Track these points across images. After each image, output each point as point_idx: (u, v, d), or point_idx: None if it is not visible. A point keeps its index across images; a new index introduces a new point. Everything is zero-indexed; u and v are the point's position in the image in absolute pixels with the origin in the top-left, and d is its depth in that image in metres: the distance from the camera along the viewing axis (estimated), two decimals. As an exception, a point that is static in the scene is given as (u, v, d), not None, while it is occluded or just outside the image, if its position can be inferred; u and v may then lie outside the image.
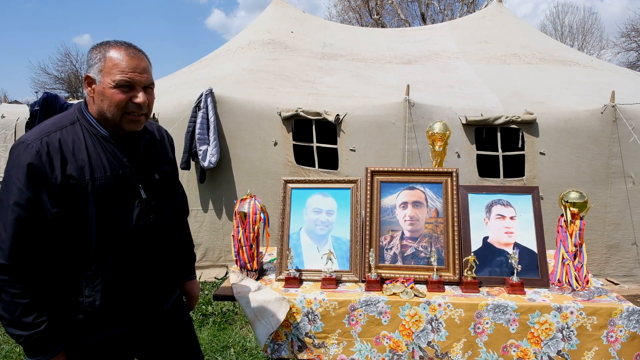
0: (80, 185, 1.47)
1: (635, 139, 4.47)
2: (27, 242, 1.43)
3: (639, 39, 23.97)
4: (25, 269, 1.44)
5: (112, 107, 1.51)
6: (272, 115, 5.02)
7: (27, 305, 1.43)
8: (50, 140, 1.47)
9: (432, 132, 2.68)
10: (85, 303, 1.52)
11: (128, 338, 1.67)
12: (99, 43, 1.55)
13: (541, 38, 7.70)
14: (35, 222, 1.44)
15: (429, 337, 2.09)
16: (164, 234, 1.72)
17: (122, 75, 1.49)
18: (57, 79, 30.49)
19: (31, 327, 1.44)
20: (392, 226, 2.41)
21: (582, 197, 2.26)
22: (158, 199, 1.68)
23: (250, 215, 2.41)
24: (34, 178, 1.42)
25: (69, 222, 1.48)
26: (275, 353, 2.19)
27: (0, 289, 1.42)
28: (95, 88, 1.52)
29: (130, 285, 1.60)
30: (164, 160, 1.79)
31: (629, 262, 4.77)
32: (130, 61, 1.51)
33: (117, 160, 1.56)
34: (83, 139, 1.52)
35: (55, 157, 1.45)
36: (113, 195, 1.53)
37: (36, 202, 1.43)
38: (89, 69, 1.52)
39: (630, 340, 1.98)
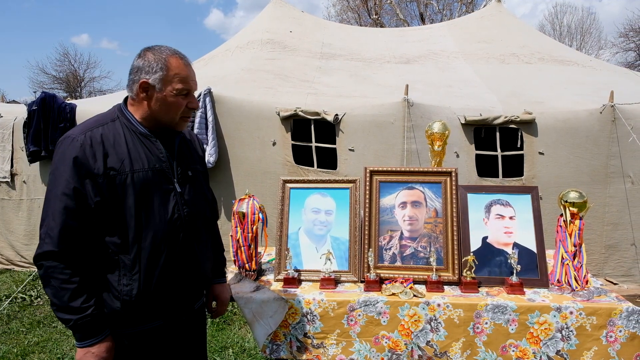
0: (120, 176, 1.58)
1: (634, 138, 4.47)
2: (73, 230, 1.53)
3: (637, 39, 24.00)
4: (72, 256, 1.53)
5: (171, 113, 1.67)
6: (271, 115, 5.01)
7: (74, 290, 1.52)
8: (93, 135, 1.59)
9: (431, 131, 2.68)
10: (123, 291, 1.60)
11: (163, 334, 1.72)
12: (152, 50, 1.66)
13: (540, 38, 7.70)
14: (81, 210, 1.53)
15: (428, 336, 2.09)
16: (198, 230, 1.79)
17: (183, 84, 1.65)
18: (56, 78, 30.39)
19: (79, 312, 1.52)
20: (391, 226, 2.40)
21: (581, 197, 2.25)
22: (191, 194, 1.77)
23: (249, 215, 2.40)
24: (79, 169, 1.53)
25: (110, 212, 1.57)
26: (274, 353, 2.19)
27: (49, 275, 1.52)
28: (154, 94, 1.64)
29: (166, 277, 1.66)
30: (195, 159, 1.89)
31: (628, 261, 4.77)
32: (188, 71, 1.67)
33: (154, 155, 1.67)
34: (123, 135, 1.64)
35: (97, 150, 1.57)
36: (150, 187, 1.63)
37: (81, 191, 1.53)
38: (145, 75, 1.62)
39: (630, 341, 1.97)
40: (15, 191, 5.63)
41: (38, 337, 3.93)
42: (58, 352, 3.67)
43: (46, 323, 4.21)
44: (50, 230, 1.51)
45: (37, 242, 1.54)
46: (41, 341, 3.85)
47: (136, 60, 1.65)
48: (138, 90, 1.64)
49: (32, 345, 3.79)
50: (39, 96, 5.45)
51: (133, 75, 1.65)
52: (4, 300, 4.68)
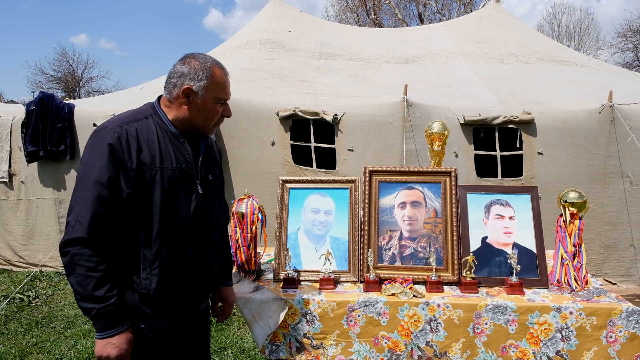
0: (150, 172, 1.63)
1: (633, 138, 4.47)
2: (104, 219, 1.55)
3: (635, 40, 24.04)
4: (100, 244, 1.55)
5: (208, 119, 1.76)
6: (270, 115, 5.00)
7: (99, 278, 1.53)
8: (129, 129, 1.64)
9: (431, 131, 2.67)
10: (142, 285, 1.64)
11: (172, 332, 1.75)
12: (196, 57, 1.73)
13: (539, 38, 7.71)
14: (113, 200, 1.56)
15: (427, 337, 2.08)
16: (212, 232, 1.84)
17: (223, 94, 1.75)
18: (54, 78, 30.32)
19: (102, 301, 1.53)
20: (391, 226, 2.39)
21: (581, 197, 2.25)
22: (210, 197, 1.83)
23: (248, 216, 2.40)
24: (115, 159, 1.57)
25: (137, 205, 1.61)
26: (273, 354, 2.18)
27: (75, 262, 1.52)
28: (195, 100, 1.70)
29: (182, 275, 1.71)
30: (215, 165, 1.95)
31: (626, 261, 4.78)
32: (227, 82, 1.77)
33: (182, 155, 1.73)
34: (155, 132, 1.69)
35: (132, 143, 1.61)
36: (176, 185, 1.68)
37: (115, 181, 1.56)
38: (189, 82, 1.68)
39: (630, 341, 1.97)
40: (13, 191, 5.62)
41: (36, 337, 3.91)
42: (56, 352, 3.66)
43: (44, 324, 4.20)
44: (81, 217, 1.53)
45: (35, 242, 1.54)
46: (39, 342, 3.84)
47: (180, 66, 1.71)
48: (179, 94, 1.70)
49: (31, 345, 3.78)
50: (37, 96, 5.43)
51: (175, 79, 1.70)
52: (2, 300, 4.66)
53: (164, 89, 1.75)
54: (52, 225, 5.53)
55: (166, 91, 1.74)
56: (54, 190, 5.49)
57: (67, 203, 5.45)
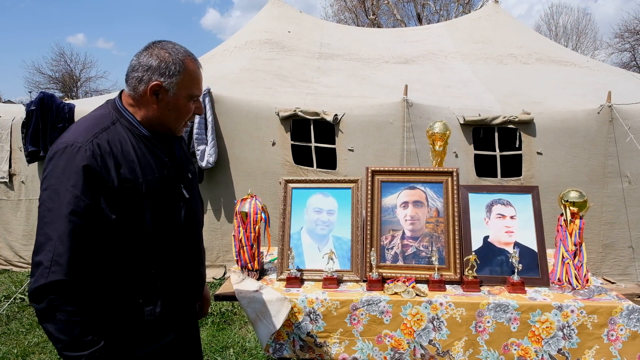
0: (134, 187, 1.41)
1: (632, 138, 4.50)
2: (85, 254, 1.32)
3: (632, 40, 24.13)
4: (83, 284, 1.33)
5: (180, 118, 1.55)
6: (270, 115, 5.01)
7: (85, 322, 1.33)
8: (101, 142, 1.39)
9: (433, 131, 2.69)
10: (147, 312, 1.47)
11: (174, 346, 1.63)
12: (164, 48, 1.49)
13: (537, 38, 7.74)
14: (94, 231, 1.34)
15: (430, 335, 2.10)
16: (199, 234, 1.72)
17: (197, 90, 1.55)
18: (52, 78, 30.26)
19: (91, 345, 1.33)
20: (393, 226, 2.41)
21: (581, 197, 2.27)
22: (194, 199, 1.68)
23: (251, 215, 2.41)
24: (92, 183, 1.33)
25: (126, 228, 1.41)
26: (277, 353, 2.19)
27: (55, 309, 1.29)
28: (165, 98, 1.48)
29: (183, 288, 1.59)
30: (189, 162, 1.79)
31: (625, 260, 4.81)
32: (201, 76, 1.57)
33: (160, 160, 1.53)
34: (129, 140, 1.46)
35: (108, 159, 1.38)
36: (163, 196, 1.50)
37: (95, 209, 1.34)
38: (159, 77, 1.46)
39: (632, 340, 1.99)
40: (14, 191, 5.62)
41: (38, 337, 3.92)
42: (58, 352, 3.67)
43: (45, 323, 4.20)
44: (58, 257, 1.28)
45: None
46: (41, 342, 3.84)
47: (146, 57, 1.46)
48: (147, 91, 1.46)
49: (32, 345, 3.78)
50: (38, 96, 5.43)
51: (140, 74, 1.46)
52: (3, 301, 4.67)
53: (126, 84, 1.50)
54: (53, 226, 5.53)
55: (129, 87, 1.49)
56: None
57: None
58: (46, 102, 5.32)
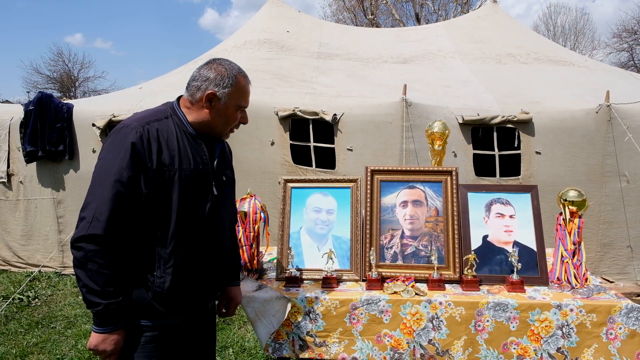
0: (169, 172, 1.64)
1: (630, 138, 4.51)
2: (121, 217, 1.56)
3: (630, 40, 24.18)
4: (115, 242, 1.56)
5: (227, 124, 1.80)
6: (269, 115, 5.01)
7: (110, 276, 1.55)
8: (151, 128, 1.65)
9: (432, 131, 2.69)
10: (156, 283, 1.65)
11: (182, 330, 1.78)
12: (222, 64, 1.75)
13: (536, 38, 7.75)
14: (131, 199, 1.58)
15: (429, 335, 2.10)
16: (224, 233, 1.88)
17: (244, 102, 1.80)
18: (50, 78, 30.19)
19: (111, 297, 1.56)
20: (392, 225, 2.41)
21: (580, 196, 2.28)
22: (223, 199, 1.86)
23: (251, 215, 2.41)
24: (136, 158, 1.58)
25: (155, 205, 1.63)
26: (277, 352, 2.19)
27: (88, 258, 1.53)
28: (217, 105, 1.74)
29: (195, 274, 1.74)
30: (229, 167, 1.99)
31: (623, 260, 4.82)
32: (249, 90, 1.81)
33: (199, 156, 1.74)
34: (175, 133, 1.70)
35: (153, 144, 1.63)
36: (194, 186, 1.70)
37: (135, 181, 1.58)
38: (214, 87, 1.71)
39: (630, 338, 2.00)
40: (12, 192, 5.60)
41: (37, 337, 3.91)
42: (57, 352, 3.66)
43: (44, 324, 4.20)
44: (99, 214, 1.53)
45: (34, 242, 1.54)
46: (40, 342, 3.84)
47: (205, 70, 1.73)
48: (202, 98, 1.72)
49: (31, 346, 3.78)
50: (36, 96, 5.42)
51: (199, 83, 1.72)
52: (2, 301, 4.66)
53: (186, 90, 1.77)
54: (51, 226, 5.52)
55: (188, 93, 1.76)
56: (52, 191, 5.49)
57: (66, 203, 5.46)
58: (44, 102, 5.31)
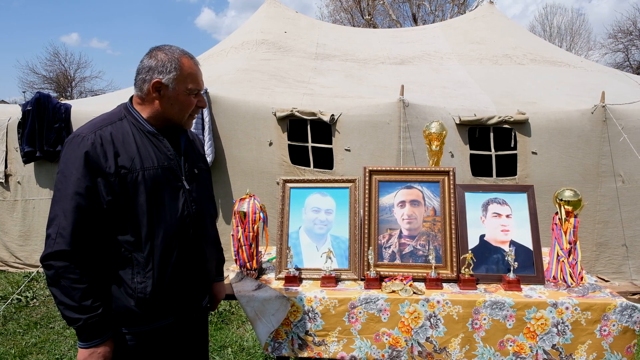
0: (131, 174, 1.59)
1: (625, 138, 4.55)
2: (86, 229, 1.54)
3: (625, 41, 24.32)
4: (84, 255, 1.54)
5: (182, 111, 1.71)
6: (267, 116, 5.03)
7: (86, 289, 1.53)
8: (104, 133, 1.60)
9: (429, 131, 2.72)
10: (138, 289, 1.62)
11: (174, 330, 1.76)
12: (162, 49, 1.68)
13: (532, 39, 7.79)
14: (93, 209, 1.55)
15: (427, 333, 2.13)
16: (205, 227, 1.82)
17: (194, 84, 1.70)
18: (46, 78, 30.09)
19: (90, 311, 1.53)
20: (390, 225, 2.44)
21: (576, 195, 2.31)
22: (198, 192, 1.81)
23: (250, 215, 2.43)
24: (91, 167, 1.54)
25: (122, 210, 1.59)
26: (276, 351, 2.21)
27: (60, 275, 1.51)
28: (166, 93, 1.67)
29: (178, 274, 1.69)
30: (199, 158, 1.92)
31: (618, 259, 4.86)
32: (199, 71, 1.73)
33: (163, 153, 1.70)
34: (131, 133, 1.66)
35: (108, 148, 1.58)
36: (161, 185, 1.66)
37: (93, 190, 1.54)
38: (158, 75, 1.65)
39: (623, 334, 2.03)
40: (10, 192, 5.60)
41: (35, 338, 3.92)
42: (56, 352, 3.67)
43: (43, 324, 4.20)
44: (62, 230, 1.51)
45: (32, 242, 1.55)
46: (39, 342, 3.84)
47: (147, 60, 1.67)
48: (150, 89, 1.66)
49: (30, 346, 3.79)
50: (34, 96, 5.42)
51: (144, 75, 1.66)
52: (0, 302, 4.66)
53: (134, 86, 1.71)
54: (49, 226, 5.52)
55: (137, 88, 1.70)
56: (50, 191, 5.48)
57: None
58: (42, 103, 5.31)
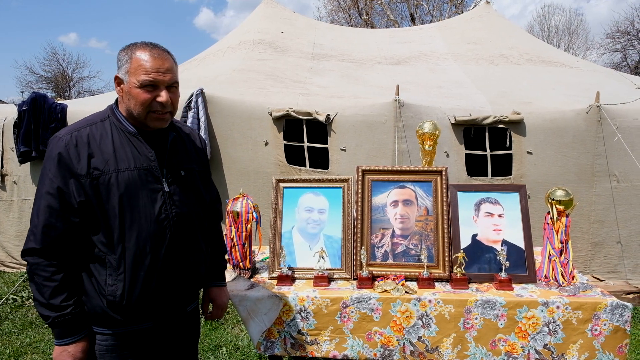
0: (104, 176, 1.57)
1: (620, 138, 4.56)
2: (56, 229, 1.55)
3: (623, 41, 24.38)
4: (55, 254, 1.55)
5: (137, 106, 1.60)
6: (263, 115, 5.03)
7: (55, 287, 1.54)
8: (80, 135, 1.60)
9: (422, 131, 2.73)
10: (108, 291, 1.59)
11: (153, 335, 1.72)
12: (128, 45, 1.64)
13: (528, 39, 7.80)
14: (64, 209, 1.55)
15: (419, 332, 2.13)
16: (190, 231, 1.74)
17: (146, 75, 1.57)
18: (44, 78, 30.05)
19: (58, 309, 1.54)
20: (383, 224, 2.44)
21: (567, 195, 2.32)
22: (184, 194, 1.73)
23: (243, 214, 2.44)
24: (63, 168, 1.55)
25: (94, 211, 1.57)
26: (268, 350, 2.22)
27: (33, 272, 1.55)
28: (123, 88, 1.62)
29: (153, 278, 1.63)
30: (192, 158, 1.84)
31: (613, 258, 4.87)
32: (154, 62, 1.58)
33: (142, 154, 1.64)
34: (110, 134, 1.63)
35: (82, 149, 1.57)
36: (136, 187, 1.61)
37: (64, 191, 1.54)
38: (118, 70, 1.62)
39: (614, 334, 2.04)
40: (6, 192, 5.59)
41: (30, 338, 3.91)
42: (51, 352, 3.67)
43: (38, 324, 4.20)
44: (34, 228, 1.55)
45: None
46: (34, 342, 3.84)
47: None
48: (115, 86, 1.65)
49: (25, 346, 3.78)
50: (30, 96, 5.41)
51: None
52: (-5, 301, 4.65)
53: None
54: (45, 226, 5.52)
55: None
56: (46, 191, 5.48)
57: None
58: (38, 102, 5.30)
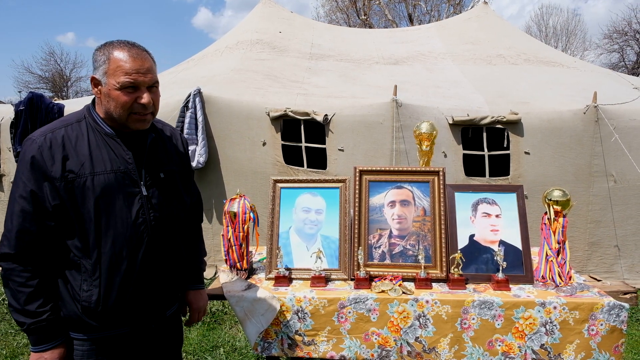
0: (79, 179, 1.52)
1: (617, 138, 4.57)
2: (30, 233, 1.50)
3: (620, 41, 24.44)
4: (29, 259, 1.51)
5: (118, 108, 1.53)
6: (261, 116, 5.03)
7: (30, 294, 1.50)
8: (54, 137, 1.53)
9: (419, 131, 2.73)
10: (83, 297, 1.56)
11: (130, 340, 1.68)
12: (104, 44, 1.56)
13: (526, 39, 7.82)
14: (38, 213, 1.50)
15: (416, 332, 2.13)
16: (168, 234, 1.70)
17: (126, 77, 1.50)
18: (41, 78, 30.01)
19: (34, 316, 1.50)
20: (381, 225, 2.44)
21: (564, 195, 2.32)
22: (163, 197, 1.68)
23: (240, 215, 2.43)
24: (36, 171, 1.49)
25: (69, 215, 1.53)
26: (266, 351, 2.21)
27: (7, 277, 1.51)
28: (101, 89, 1.54)
29: (130, 283, 1.59)
30: (172, 160, 1.78)
31: (610, 258, 4.89)
32: (134, 62, 1.51)
33: (119, 156, 1.59)
34: (86, 136, 1.57)
35: (57, 152, 1.51)
36: (112, 190, 1.56)
37: (37, 194, 1.49)
38: (94, 71, 1.54)
39: (610, 333, 2.04)
40: (3, 192, 5.58)
41: (27, 339, 3.90)
42: (47, 353, 3.66)
43: (35, 325, 4.18)
44: (8, 232, 1.50)
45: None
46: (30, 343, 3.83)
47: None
48: (92, 87, 1.57)
49: (22, 347, 3.77)
50: (26, 96, 5.40)
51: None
52: (-8, 302, 4.64)
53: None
54: (42, 226, 5.51)
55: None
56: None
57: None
58: (35, 102, 5.30)
